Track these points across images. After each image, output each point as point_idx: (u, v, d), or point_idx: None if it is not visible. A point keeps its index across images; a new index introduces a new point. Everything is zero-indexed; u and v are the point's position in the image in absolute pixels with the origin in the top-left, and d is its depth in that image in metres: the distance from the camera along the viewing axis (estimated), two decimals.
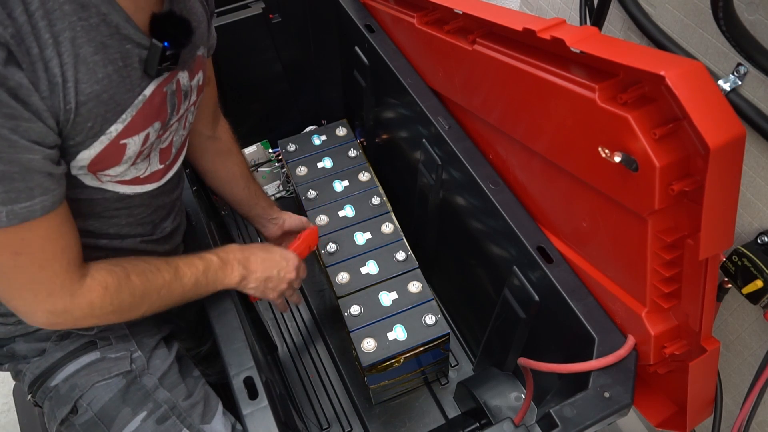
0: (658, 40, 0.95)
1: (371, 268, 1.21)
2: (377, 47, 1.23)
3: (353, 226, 1.29)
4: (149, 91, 0.67)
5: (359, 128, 1.56)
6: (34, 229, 0.60)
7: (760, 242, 0.83)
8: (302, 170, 1.40)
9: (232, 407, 0.83)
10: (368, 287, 1.19)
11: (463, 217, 1.13)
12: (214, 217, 1.52)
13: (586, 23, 1.09)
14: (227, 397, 0.84)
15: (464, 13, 0.92)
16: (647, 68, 0.60)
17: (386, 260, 1.22)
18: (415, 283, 1.18)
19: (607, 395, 0.76)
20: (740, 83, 0.82)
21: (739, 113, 0.81)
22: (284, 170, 1.66)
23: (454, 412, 1.32)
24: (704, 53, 0.88)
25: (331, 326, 1.48)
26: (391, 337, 1.11)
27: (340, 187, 1.36)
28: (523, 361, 0.88)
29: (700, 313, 0.72)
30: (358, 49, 1.34)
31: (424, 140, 1.16)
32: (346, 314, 1.15)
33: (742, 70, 0.82)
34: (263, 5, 1.40)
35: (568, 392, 0.80)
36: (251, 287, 0.90)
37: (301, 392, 1.39)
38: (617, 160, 0.67)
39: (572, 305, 0.85)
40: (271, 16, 1.43)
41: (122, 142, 0.66)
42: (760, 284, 0.81)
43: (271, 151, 1.67)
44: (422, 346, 1.12)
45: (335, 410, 1.35)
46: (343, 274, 1.20)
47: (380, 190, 1.35)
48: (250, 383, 0.80)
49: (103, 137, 0.63)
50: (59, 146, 0.60)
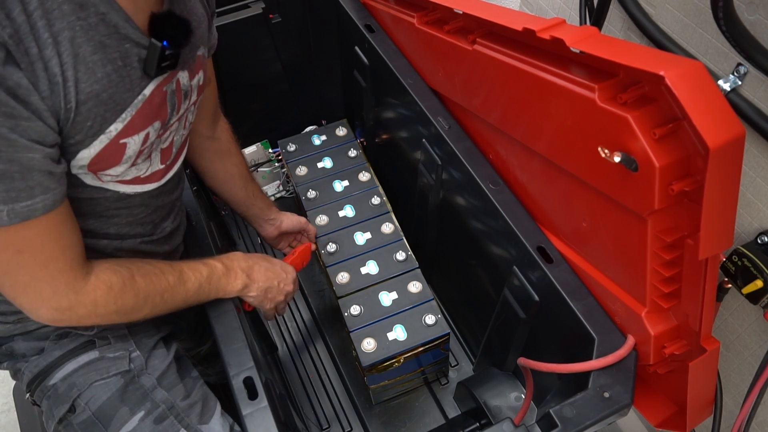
0: (658, 40, 0.94)
1: (371, 268, 1.21)
2: (377, 47, 1.23)
3: (353, 226, 1.29)
4: (149, 90, 0.67)
5: (359, 128, 1.56)
6: (35, 227, 0.60)
7: (760, 242, 0.83)
8: (302, 170, 1.40)
9: (231, 407, 0.83)
10: (368, 287, 1.19)
11: (463, 217, 1.13)
12: (214, 217, 1.52)
13: (586, 23, 1.09)
14: (227, 397, 0.84)
15: (464, 13, 0.92)
16: (647, 68, 0.60)
17: (386, 260, 1.22)
18: (415, 283, 1.18)
19: (607, 395, 0.76)
20: (740, 83, 0.82)
21: (739, 113, 0.81)
22: (284, 170, 1.66)
23: (454, 412, 1.32)
24: (704, 53, 0.88)
25: (331, 326, 1.48)
26: (391, 337, 1.11)
27: (340, 187, 1.36)
28: (523, 361, 0.88)
29: (700, 313, 0.72)
30: (358, 49, 1.34)
31: (424, 140, 1.16)
32: (346, 314, 1.14)
33: (742, 70, 0.82)
34: (263, 5, 1.40)
35: (568, 392, 0.80)
36: (251, 296, 0.91)
37: (301, 392, 1.39)
38: (617, 160, 0.67)
39: (572, 305, 0.85)
40: (271, 16, 1.43)
41: (122, 141, 0.66)
42: (760, 284, 0.81)
43: (271, 151, 1.67)
44: (422, 346, 1.12)
45: (335, 410, 1.35)
46: (343, 274, 1.20)
47: (380, 190, 1.35)
48: (249, 383, 0.80)
49: (102, 136, 0.63)
50: (59, 145, 0.60)
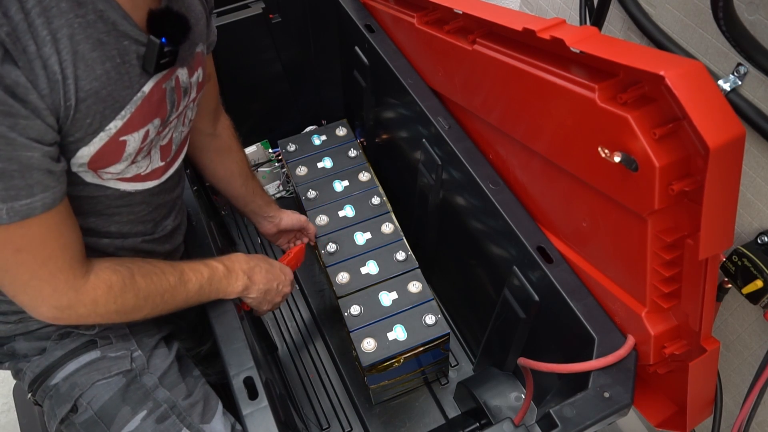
0: (658, 40, 0.95)
1: (371, 268, 1.21)
2: (377, 47, 1.23)
3: (353, 226, 1.29)
4: (148, 87, 0.67)
5: (359, 128, 1.56)
6: (35, 225, 0.60)
7: (760, 242, 0.83)
8: (302, 170, 1.40)
9: (232, 407, 0.83)
10: (368, 287, 1.19)
11: (463, 217, 1.13)
12: (214, 217, 1.53)
13: (586, 23, 1.09)
14: (227, 397, 0.84)
15: (464, 13, 0.92)
16: (647, 68, 0.60)
17: (386, 260, 1.22)
18: (415, 283, 1.18)
19: (607, 395, 0.76)
20: (740, 83, 0.82)
21: (739, 113, 0.81)
22: (284, 170, 1.66)
23: (454, 412, 1.32)
24: (704, 53, 0.88)
25: (331, 326, 1.48)
26: (391, 337, 1.11)
27: (340, 187, 1.36)
28: (523, 361, 0.88)
29: (700, 313, 0.72)
30: (358, 49, 1.34)
31: (424, 140, 1.16)
32: (346, 314, 1.15)
33: (742, 70, 0.82)
34: (263, 5, 1.40)
35: (568, 392, 0.80)
36: (251, 297, 0.92)
37: (301, 392, 1.39)
38: (617, 160, 0.67)
39: (572, 305, 0.85)
40: (271, 16, 1.44)
41: (122, 138, 0.66)
42: (760, 284, 0.81)
43: (271, 151, 1.67)
44: (422, 346, 1.12)
45: (335, 410, 1.35)
46: (343, 274, 1.20)
47: (380, 190, 1.35)
48: (250, 383, 0.80)
49: (102, 134, 0.63)
50: (59, 143, 0.60)
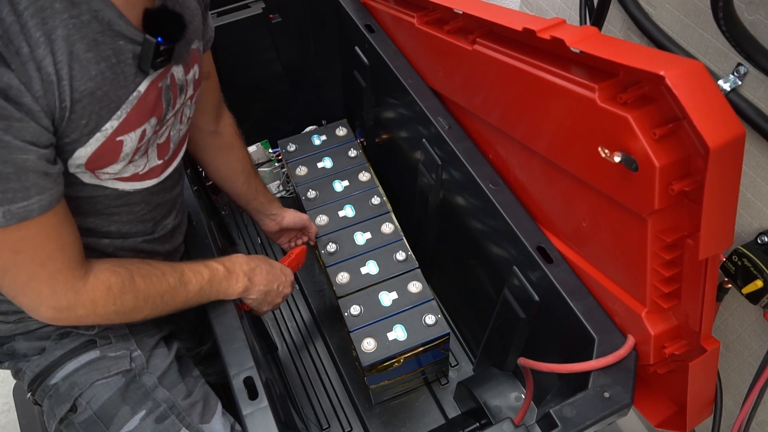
0: (658, 40, 0.94)
1: (371, 268, 1.21)
2: (377, 47, 1.23)
3: (353, 226, 1.29)
4: (143, 87, 0.67)
5: (359, 128, 1.56)
6: (32, 227, 0.60)
7: (760, 242, 0.83)
8: (302, 170, 1.40)
9: (232, 407, 0.83)
10: (368, 287, 1.19)
11: (463, 217, 1.13)
12: (214, 217, 1.53)
13: (586, 23, 1.09)
14: (227, 397, 0.84)
15: (464, 13, 0.92)
16: (647, 68, 0.60)
17: (386, 260, 1.22)
18: (415, 283, 1.18)
19: (607, 395, 0.76)
20: (740, 83, 0.82)
21: (739, 113, 0.81)
22: (284, 170, 1.66)
23: (454, 412, 1.32)
24: (704, 53, 0.88)
25: (331, 326, 1.48)
26: (391, 337, 1.11)
27: (340, 187, 1.36)
28: (523, 361, 0.88)
29: (700, 313, 0.72)
30: (358, 49, 1.34)
31: (424, 140, 1.16)
32: (346, 314, 1.14)
33: (742, 70, 0.82)
34: (263, 5, 1.40)
35: (568, 392, 0.80)
36: (251, 298, 0.92)
37: (301, 392, 1.39)
38: (617, 160, 0.67)
39: (572, 305, 0.85)
40: (271, 16, 1.43)
41: (118, 138, 0.66)
42: (760, 284, 0.81)
43: (271, 151, 1.67)
44: (422, 346, 1.12)
45: (335, 410, 1.35)
46: (343, 274, 1.20)
47: (380, 190, 1.35)
48: (250, 383, 0.80)
49: (98, 134, 0.63)
50: (55, 145, 0.60)
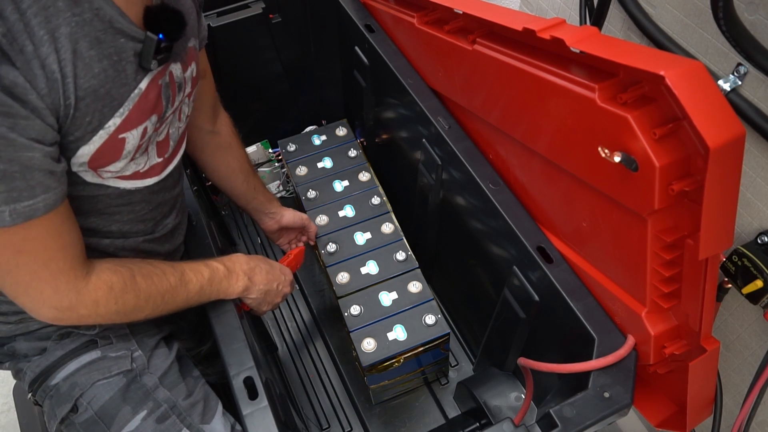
0: (658, 40, 0.95)
1: (371, 268, 1.21)
2: (377, 47, 1.23)
3: (353, 226, 1.29)
4: (144, 84, 0.67)
5: (359, 128, 1.56)
6: (36, 227, 0.60)
7: (760, 242, 0.83)
8: (302, 170, 1.40)
9: (232, 407, 0.83)
10: (368, 287, 1.19)
11: (463, 217, 1.13)
12: (214, 217, 1.53)
13: (586, 23, 1.09)
14: (227, 397, 0.84)
15: (464, 13, 0.92)
16: (647, 68, 0.60)
17: (386, 260, 1.22)
18: (415, 283, 1.18)
19: (607, 395, 0.76)
20: (740, 83, 0.82)
21: (739, 113, 0.81)
22: (284, 170, 1.66)
23: (454, 412, 1.32)
24: (704, 53, 0.88)
25: (331, 326, 1.48)
26: (391, 337, 1.11)
27: (340, 187, 1.36)
28: (523, 361, 0.88)
29: (700, 313, 0.72)
30: (358, 49, 1.34)
31: (424, 140, 1.16)
32: (346, 314, 1.15)
33: (742, 70, 0.82)
34: (263, 5, 1.40)
35: (568, 392, 0.80)
36: (251, 298, 0.92)
37: (301, 392, 1.39)
38: (617, 160, 0.67)
39: (572, 305, 0.85)
40: (271, 16, 1.43)
41: (121, 136, 0.66)
42: (760, 284, 0.81)
43: (271, 151, 1.67)
44: (422, 346, 1.12)
45: (335, 410, 1.35)
46: (343, 274, 1.20)
47: (380, 190, 1.35)
48: (250, 383, 0.80)
49: (101, 132, 0.64)
50: (59, 143, 0.60)
